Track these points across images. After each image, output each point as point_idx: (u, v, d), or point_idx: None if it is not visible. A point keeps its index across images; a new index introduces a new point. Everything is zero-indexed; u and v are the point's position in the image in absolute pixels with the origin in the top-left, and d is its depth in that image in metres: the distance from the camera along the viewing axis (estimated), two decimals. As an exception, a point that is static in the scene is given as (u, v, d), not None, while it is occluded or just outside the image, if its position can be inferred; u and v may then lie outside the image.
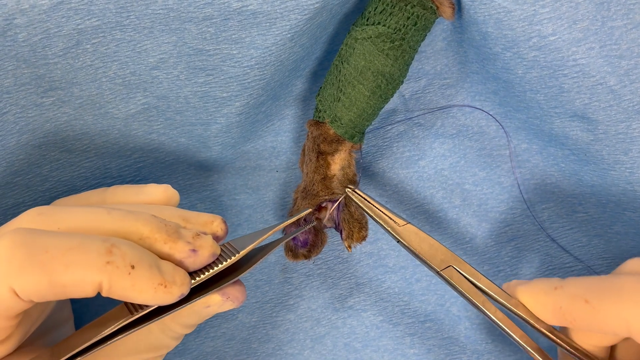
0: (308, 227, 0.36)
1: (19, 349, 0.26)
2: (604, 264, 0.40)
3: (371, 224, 0.37)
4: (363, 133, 0.36)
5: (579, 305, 0.26)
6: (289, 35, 0.32)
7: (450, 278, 0.32)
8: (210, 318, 0.40)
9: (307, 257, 0.37)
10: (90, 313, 0.38)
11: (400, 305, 0.41)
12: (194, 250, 0.26)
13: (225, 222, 0.29)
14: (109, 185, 0.37)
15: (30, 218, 0.25)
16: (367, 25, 0.33)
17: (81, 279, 0.23)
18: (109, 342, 0.25)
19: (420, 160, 0.41)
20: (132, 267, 0.23)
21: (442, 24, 0.38)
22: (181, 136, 0.37)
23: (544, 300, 0.28)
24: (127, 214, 0.25)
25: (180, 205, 0.40)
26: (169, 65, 0.33)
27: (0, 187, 0.34)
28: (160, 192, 0.29)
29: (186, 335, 0.39)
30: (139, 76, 0.33)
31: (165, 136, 0.37)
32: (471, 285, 0.31)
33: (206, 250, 0.26)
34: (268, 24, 0.32)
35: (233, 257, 0.27)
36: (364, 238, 0.36)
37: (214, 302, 0.28)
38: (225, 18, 0.31)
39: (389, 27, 0.33)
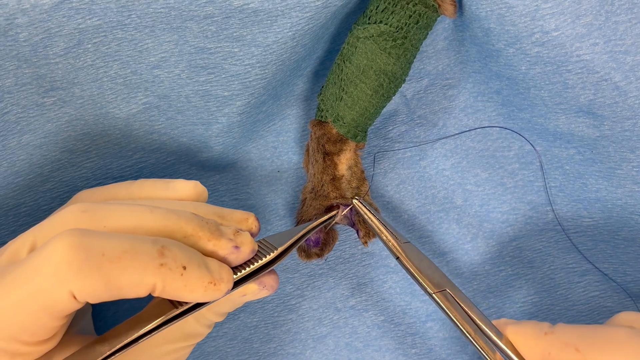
0: (327, 219, 0.36)
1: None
2: (609, 267, 0.40)
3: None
4: (366, 132, 0.36)
5: (570, 354, 0.26)
6: (290, 33, 0.32)
7: (443, 302, 0.31)
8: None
9: (319, 255, 0.37)
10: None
11: (401, 304, 0.41)
12: (236, 247, 0.27)
13: (258, 219, 0.30)
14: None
15: (75, 217, 0.25)
16: (369, 23, 0.33)
17: (137, 281, 0.23)
18: (153, 334, 0.26)
19: (421, 160, 0.41)
20: (184, 267, 0.24)
21: (444, 23, 0.38)
22: (182, 136, 0.37)
23: (533, 345, 0.28)
24: (170, 213, 0.26)
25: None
26: (170, 64, 0.33)
27: (1, 188, 0.34)
28: (190, 188, 0.30)
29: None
30: (140, 75, 0.33)
31: (167, 136, 0.36)
32: (464, 313, 0.31)
33: (247, 247, 0.27)
34: (269, 21, 0.32)
35: (272, 254, 0.29)
36: (373, 235, 0.36)
37: (251, 291, 0.29)
38: (226, 16, 0.31)
39: (391, 26, 0.33)
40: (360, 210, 0.36)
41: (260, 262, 0.28)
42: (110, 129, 0.35)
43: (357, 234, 0.37)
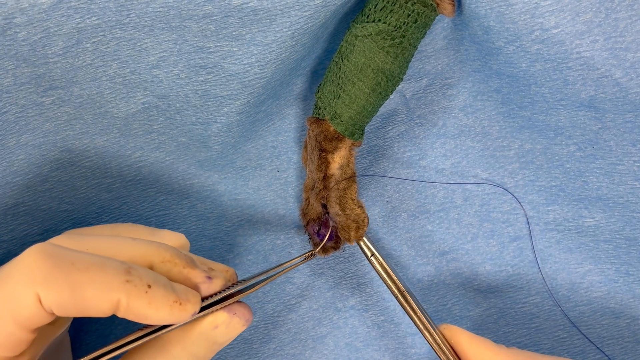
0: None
1: None
2: (612, 267, 0.39)
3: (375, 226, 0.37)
4: (363, 130, 0.36)
5: None
6: (289, 32, 0.32)
7: (409, 303, 0.34)
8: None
9: (336, 248, 0.38)
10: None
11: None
12: (209, 278, 0.28)
13: (236, 275, 0.31)
14: (109, 184, 0.37)
15: (59, 241, 0.26)
16: (367, 22, 0.33)
17: (102, 294, 0.24)
18: (108, 356, 0.26)
19: (421, 160, 0.41)
20: (149, 286, 0.25)
21: (443, 22, 0.38)
22: (181, 136, 0.37)
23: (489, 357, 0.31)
24: (151, 242, 0.27)
25: (181, 205, 0.40)
26: (169, 63, 0.33)
27: None
28: (173, 239, 0.31)
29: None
30: (139, 75, 0.33)
31: (166, 135, 0.36)
32: (422, 315, 0.34)
33: (220, 280, 0.28)
34: (268, 20, 0.32)
35: (243, 283, 0.29)
36: (360, 237, 0.36)
37: (221, 321, 0.28)
38: (225, 15, 0.31)
39: (389, 25, 0.33)
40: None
41: (229, 291, 0.28)
42: (109, 129, 0.35)
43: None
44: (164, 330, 0.27)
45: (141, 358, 0.28)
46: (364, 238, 0.36)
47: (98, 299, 0.24)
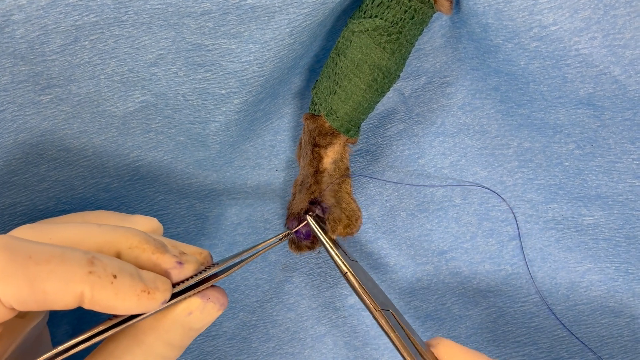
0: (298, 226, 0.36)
1: None
2: (611, 266, 0.39)
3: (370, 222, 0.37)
4: (358, 127, 0.36)
5: None
6: (287, 29, 0.32)
7: (385, 320, 0.31)
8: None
9: (311, 248, 0.37)
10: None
11: (401, 304, 0.41)
12: (180, 263, 0.26)
13: (211, 256, 0.29)
14: (107, 183, 0.37)
15: (21, 232, 0.25)
16: (364, 18, 0.33)
17: (64, 287, 0.23)
18: (78, 348, 0.25)
19: (419, 158, 0.40)
20: (114, 276, 0.23)
21: (441, 20, 0.38)
22: (180, 135, 0.37)
23: None
24: (117, 227, 0.26)
25: (180, 205, 0.40)
26: (167, 61, 0.33)
27: None
28: (145, 223, 0.30)
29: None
30: (137, 73, 0.33)
31: (164, 134, 0.36)
32: (405, 335, 0.30)
33: (191, 265, 0.27)
34: (266, 17, 0.32)
35: (215, 267, 0.28)
36: (349, 234, 0.36)
37: (195, 307, 0.27)
38: (223, 12, 0.31)
39: (386, 20, 0.33)
40: (311, 225, 0.35)
41: (202, 275, 0.27)
42: (107, 127, 0.35)
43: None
44: (134, 320, 0.25)
45: (115, 348, 0.27)
46: (338, 255, 0.34)
47: (59, 292, 0.22)
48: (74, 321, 0.39)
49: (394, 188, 0.41)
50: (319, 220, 0.36)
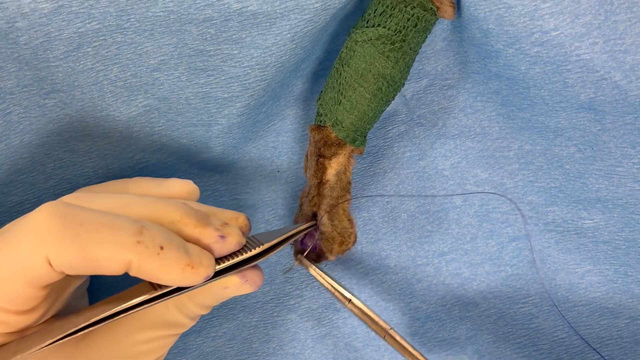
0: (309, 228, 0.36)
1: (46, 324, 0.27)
2: (611, 268, 0.39)
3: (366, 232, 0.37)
4: (365, 137, 0.36)
5: None
6: (289, 35, 0.32)
7: (401, 338, 0.35)
8: (211, 317, 0.40)
9: (316, 262, 0.37)
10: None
11: (401, 305, 0.41)
12: (222, 237, 0.26)
13: (249, 219, 0.30)
14: (112, 185, 0.37)
15: (68, 199, 0.26)
16: (367, 27, 0.33)
17: (113, 255, 0.23)
18: (127, 314, 0.25)
19: (420, 160, 0.41)
20: (161, 247, 0.24)
21: (442, 24, 0.37)
22: (183, 137, 0.37)
23: None
24: (159, 200, 0.26)
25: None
26: (169, 66, 0.33)
27: (4, 185, 0.34)
28: (181, 186, 0.30)
29: (186, 334, 0.40)
30: (140, 78, 0.33)
31: (167, 137, 0.37)
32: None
33: (233, 238, 0.27)
34: (268, 23, 0.32)
35: (258, 248, 0.28)
36: (343, 252, 0.36)
37: (233, 284, 0.28)
38: (225, 19, 0.31)
39: (389, 29, 0.33)
40: (305, 265, 0.36)
41: (245, 255, 0.27)
42: (111, 131, 0.35)
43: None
44: (177, 293, 0.26)
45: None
46: (340, 286, 0.35)
47: (109, 259, 0.23)
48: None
49: (395, 190, 0.41)
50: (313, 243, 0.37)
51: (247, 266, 0.28)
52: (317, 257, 0.37)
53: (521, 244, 0.40)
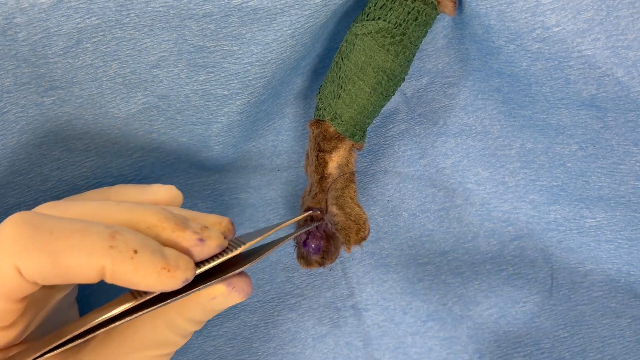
0: (313, 226, 0.35)
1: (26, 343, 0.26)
2: (613, 267, 0.39)
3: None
4: (364, 131, 0.36)
5: None
6: (289, 31, 0.32)
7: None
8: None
9: (321, 264, 0.36)
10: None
11: (402, 304, 0.41)
12: (201, 240, 0.26)
13: (232, 224, 0.29)
14: (111, 184, 0.37)
15: (43, 209, 0.25)
16: (367, 20, 0.33)
17: (85, 261, 0.23)
18: (109, 327, 0.25)
19: (421, 158, 0.40)
20: (135, 251, 0.23)
21: (443, 21, 0.37)
22: (182, 135, 0.37)
23: None
24: (136, 205, 0.26)
25: (183, 205, 0.40)
26: (169, 63, 0.33)
27: (1, 187, 0.34)
28: (164, 192, 0.29)
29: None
30: (139, 75, 0.33)
31: (166, 135, 0.37)
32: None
33: (213, 241, 0.26)
34: (268, 19, 0.32)
35: (239, 248, 0.27)
36: (361, 240, 0.35)
37: (219, 293, 0.27)
38: (225, 14, 0.31)
39: (389, 22, 0.33)
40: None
41: (227, 256, 0.26)
42: (109, 129, 0.35)
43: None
44: (162, 303, 0.25)
45: (140, 318, 0.27)
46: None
47: (81, 266, 0.23)
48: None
49: (396, 188, 0.41)
50: (327, 233, 0.35)
51: (232, 273, 0.27)
52: (321, 259, 0.36)
53: (523, 242, 0.40)
